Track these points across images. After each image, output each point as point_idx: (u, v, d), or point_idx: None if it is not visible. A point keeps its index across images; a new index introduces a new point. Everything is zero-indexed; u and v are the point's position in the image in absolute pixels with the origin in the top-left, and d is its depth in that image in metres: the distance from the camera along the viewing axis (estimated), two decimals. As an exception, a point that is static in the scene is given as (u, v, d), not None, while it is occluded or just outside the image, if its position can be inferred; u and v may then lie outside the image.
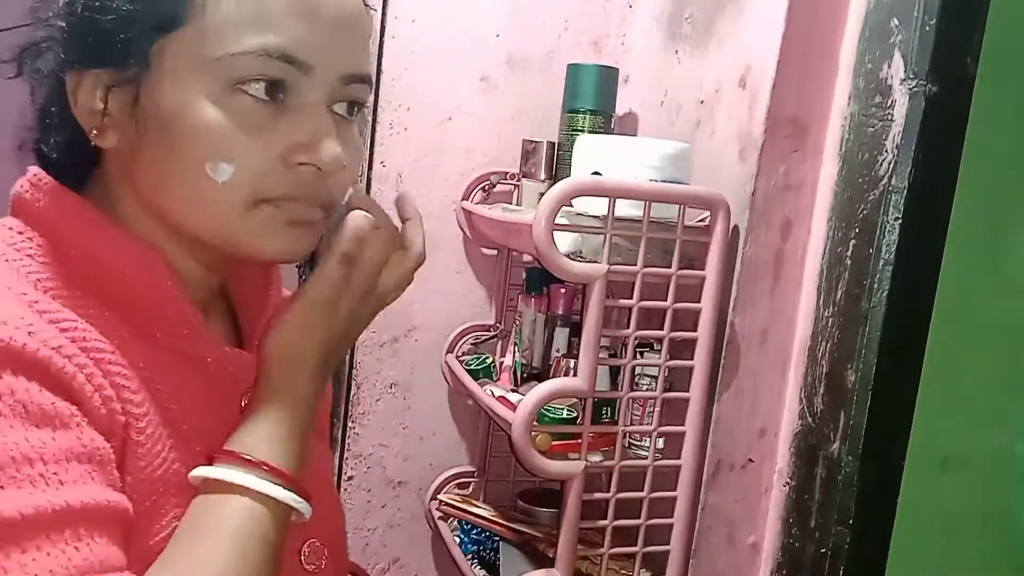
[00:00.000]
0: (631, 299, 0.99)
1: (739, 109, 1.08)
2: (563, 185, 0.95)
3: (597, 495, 1.03)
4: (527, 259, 1.35)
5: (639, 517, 1.05)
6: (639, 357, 1.06)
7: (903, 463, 1.01)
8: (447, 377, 1.40)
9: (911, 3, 0.94)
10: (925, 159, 0.94)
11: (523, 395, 1.04)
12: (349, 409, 1.39)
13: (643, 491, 1.05)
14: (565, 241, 1.01)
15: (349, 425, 1.39)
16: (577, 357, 1.00)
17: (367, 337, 1.37)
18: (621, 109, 1.31)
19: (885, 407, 0.98)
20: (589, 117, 1.21)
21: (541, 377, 1.19)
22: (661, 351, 1.03)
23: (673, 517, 1.06)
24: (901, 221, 0.95)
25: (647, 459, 1.05)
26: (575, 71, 1.24)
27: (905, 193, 0.94)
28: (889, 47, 0.97)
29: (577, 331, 1.10)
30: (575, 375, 1.00)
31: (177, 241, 0.60)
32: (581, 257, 1.02)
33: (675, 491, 1.06)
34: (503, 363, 1.30)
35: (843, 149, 1.03)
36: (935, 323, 0.99)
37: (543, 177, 1.26)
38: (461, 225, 1.37)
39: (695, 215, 1.04)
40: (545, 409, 1.03)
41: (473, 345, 1.40)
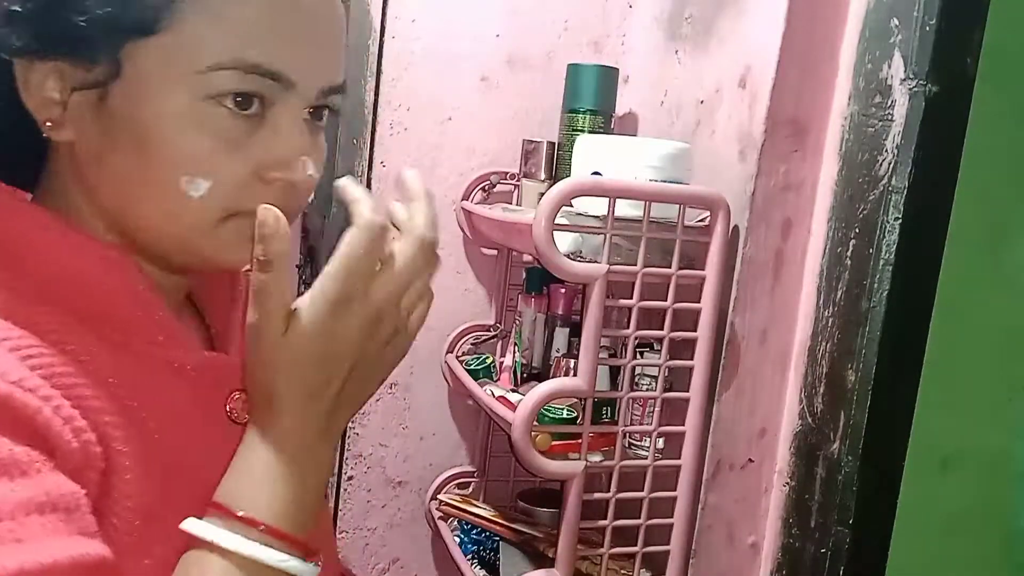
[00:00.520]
0: (631, 299, 0.99)
1: (739, 109, 1.08)
2: (563, 185, 0.95)
3: (597, 495, 1.03)
4: (527, 259, 1.35)
5: (639, 517, 1.05)
6: (639, 357, 1.06)
7: (903, 463, 1.01)
8: (447, 377, 1.40)
9: (911, 3, 0.94)
10: (925, 159, 0.94)
11: (523, 395, 1.04)
12: (349, 409, 1.39)
13: (643, 491, 1.05)
14: (565, 241, 1.01)
15: (349, 425, 1.39)
16: (577, 357, 1.00)
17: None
18: (621, 109, 1.31)
19: (885, 407, 0.98)
20: (589, 117, 1.21)
21: (541, 377, 1.19)
22: (661, 351, 1.03)
23: (673, 517, 1.06)
24: (901, 221, 0.95)
25: (647, 459, 1.05)
26: (575, 71, 1.24)
27: (905, 193, 0.94)
28: (889, 47, 0.97)
29: (577, 331, 1.10)
30: (575, 375, 1.00)
31: (136, 249, 0.57)
32: (581, 257, 1.02)
33: (675, 491, 1.06)
34: (503, 363, 1.30)
35: (843, 149, 1.03)
36: (935, 323, 0.99)
37: (543, 177, 1.26)
38: (461, 225, 1.37)
39: (695, 215, 1.04)
40: (545, 409, 1.03)
41: (473, 345, 1.40)
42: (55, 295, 0.52)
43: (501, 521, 1.26)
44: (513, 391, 1.18)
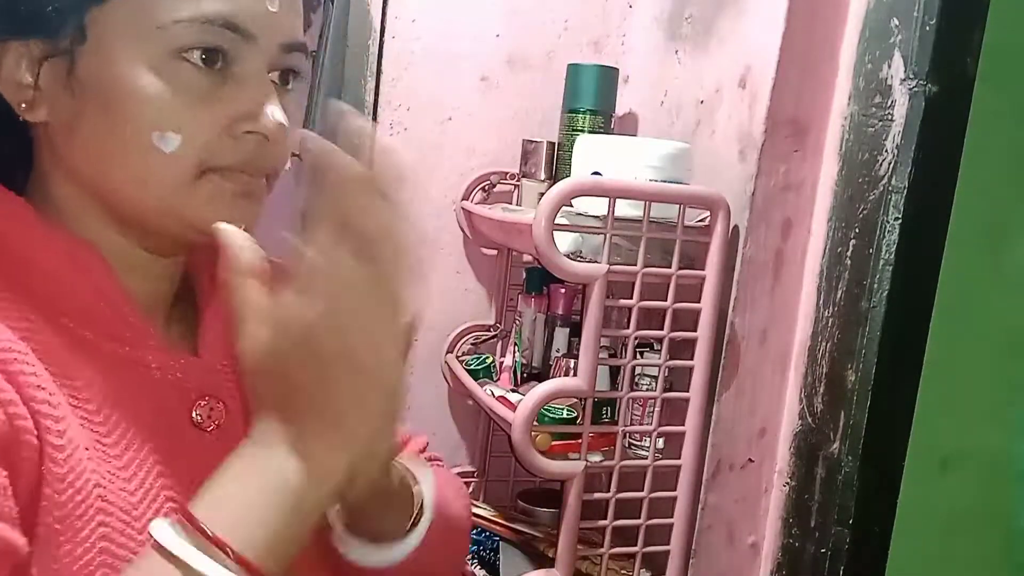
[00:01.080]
0: (631, 299, 0.99)
1: (739, 109, 1.08)
2: (563, 185, 0.95)
3: (597, 495, 1.03)
4: (527, 259, 1.35)
5: (639, 517, 1.05)
6: (639, 357, 1.06)
7: (903, 463, 1.01)
8: (447, 377, 1.40)
9: (911, 3, 0.94)
10: (925, 159, 0.94)
11: (523, 395, 1.04)
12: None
13: (643, 491, 1.05)
14: (565, 241, 1.01)
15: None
16: (577, 357, 1.00)
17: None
18: (621, 109, 1.31)
19: (885, 407, 0.98)
20: (589, 117, 1.21)
21: (541, 377, 1.19)
22: (661, 351, 1.03)
23: (673, 517, 1.06)
24: (901, 221, 0.95)
25: (647, 459, 1.05)
26: (575, 71, 1.24)
27: (905, 193, 0.94)
28: (889, 47, 0.97)
29: (577, 331, 1.10)
30: (575, 375, 1.00)
31: (120, 228, 0.57)
32: (581, 257, 1.02)
33: (675, 491, 1.06)
34: (503, 363, 1.30)
35: (843, 149, 1.03)
36: (935, 323, 0.99)
37: (543, 177, 1.26)
38: (461, 225, 1.37)
39: (695, 215, 1.04)
40: (545, 409, 1.03)
41: (473, 345, 1.40)
42: (19, 285, 0.53)
43: (501, 521, 1.25)
44: (513, 391, 1.18)
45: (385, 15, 1.30)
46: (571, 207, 1.01)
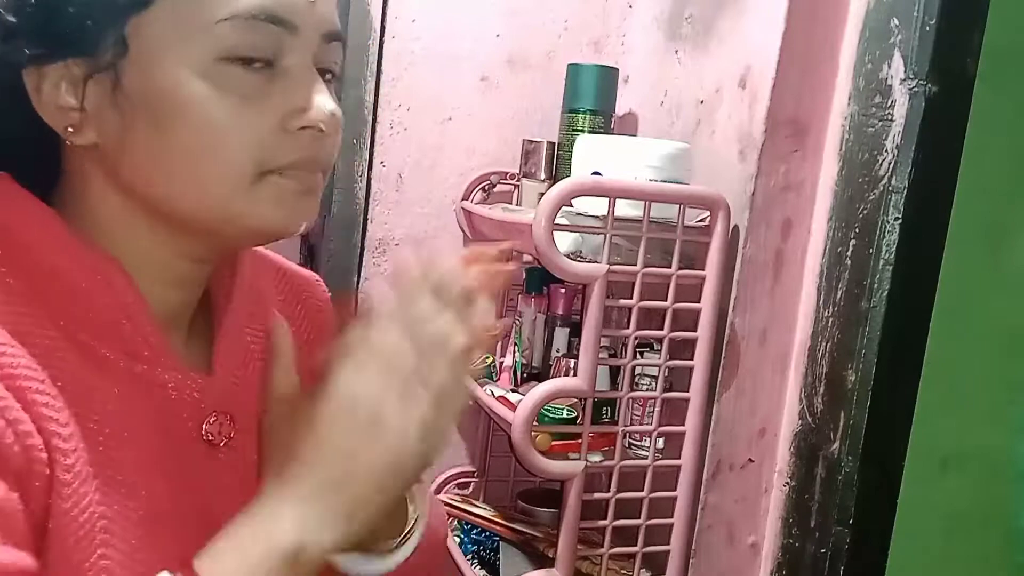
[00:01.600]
0: (631, 299, 0.99)
1: (739, 109, 1.08)
2: (563, 185, 0.95)
3: (597, 495, 1.03)
4: (527, 259, 1.35)
5: (639, 517, 1.05)
6: (639, 357, 1.06)
7: (903, 463, 1.01)
8: (447, 377, 1.40)
9: (911, 3, 0.94)
10: (925, 159, 0.94)
11: (523, 395, 1.04)
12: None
13: (643, 491, 1.05)
14: (565, 241, 1.01)
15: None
16: (577, 357, 1.00)
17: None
18: (621, 109, 1.31)
19: (885, 407, 0.98)
20: (589, 117, 1.21)
21: (541, 377, 1.19)
22: (661, 351, 1.03)
23: (673, 517, 1.06)
24: (901, 221, 0.95)
25: (647, 459, 1.05)
26: (575, 71, 1.24)
27: (905, 193, 0.94)
28: (889, 47, 0.97)
29: (577, 331, 1.10)
30: (575, 375, 1.00)
31: (169, 238, 0.56)
32: (581, 257, 1.02)
33: (675, 491, 1.06)
34: (503, 363, 1.30)
35: (843, 149, 1.03)
36: (935, 323, 0.99)
37: (543, 177, 1.26)
38: (461, 225, 1.37)
39: (695, 215, 1.04)
40: (545, 409, 1.03)
41: (473, 345, 1.40)
42: (41, 299, 0.52)
43: (501, 521, 1.25)
44: (513, 391, 1.17)
45: (385, 15, 1.30)
46: (571, 207, 1.01)
